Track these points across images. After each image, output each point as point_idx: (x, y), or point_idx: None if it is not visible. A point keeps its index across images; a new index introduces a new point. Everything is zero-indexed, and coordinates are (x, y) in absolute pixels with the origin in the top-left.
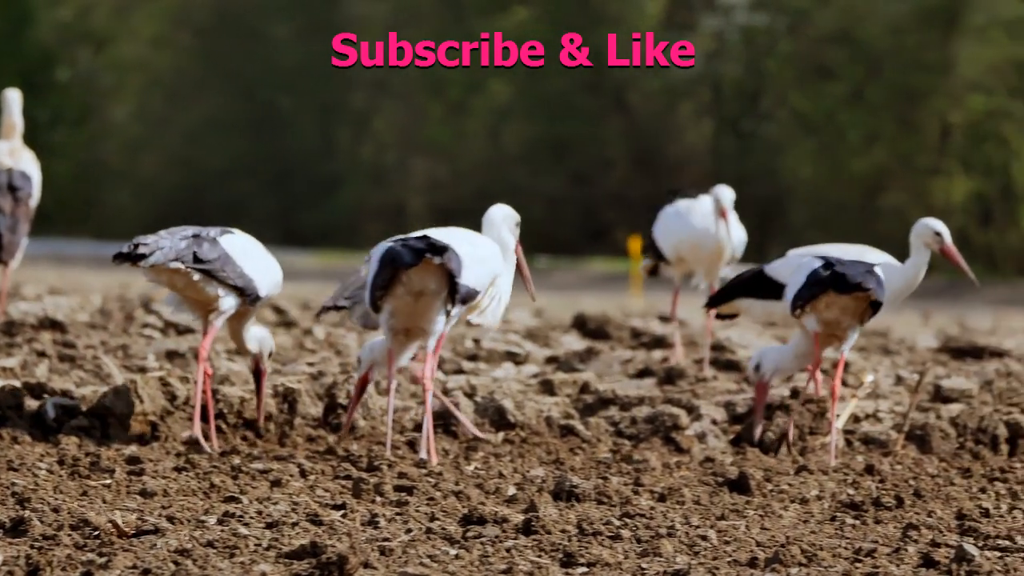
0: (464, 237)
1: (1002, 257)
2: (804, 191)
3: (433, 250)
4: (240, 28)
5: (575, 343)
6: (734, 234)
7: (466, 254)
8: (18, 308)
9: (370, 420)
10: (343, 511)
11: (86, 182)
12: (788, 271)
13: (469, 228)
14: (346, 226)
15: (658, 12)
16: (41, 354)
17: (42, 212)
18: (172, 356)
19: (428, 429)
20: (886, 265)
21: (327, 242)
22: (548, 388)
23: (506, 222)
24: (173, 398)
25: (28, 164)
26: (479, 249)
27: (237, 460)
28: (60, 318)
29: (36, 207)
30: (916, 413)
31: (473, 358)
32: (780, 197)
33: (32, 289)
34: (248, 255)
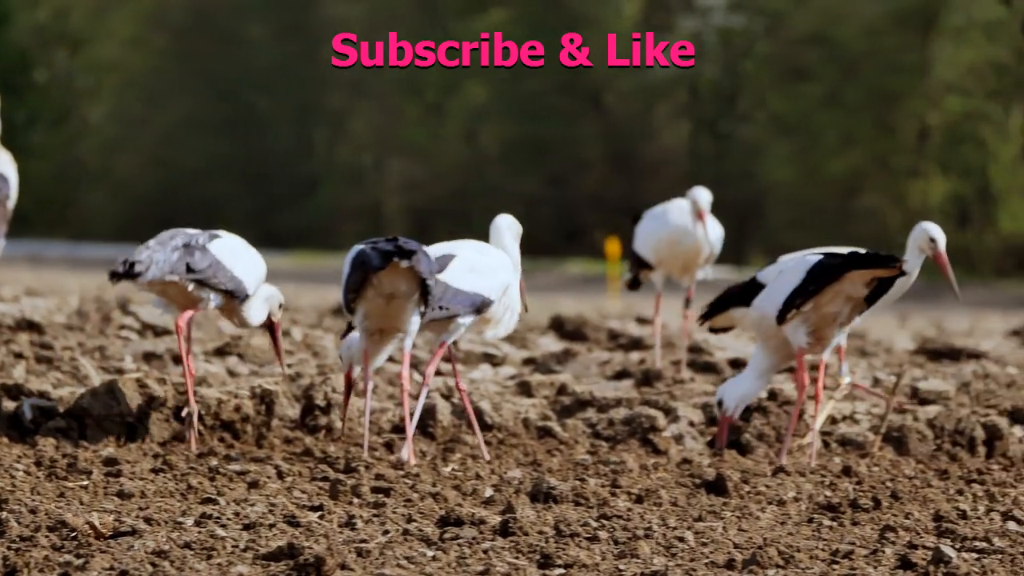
0: (473, 247)
1: (979, 259)
2: (781, 193)
3: (401, 253)
4: (216, 29)
5: (552, 345)
6: (712, 231)
7: (476, 263)
8: None
9: (347, 422)
10: (320, 512)
11: (64, 183)
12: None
13: (446, 228)
14: (323, 227)
15: (635, 13)
16: (18, 355)
17: (19, 213)
18: (149, 357)
19: (411, 427)
20: None
21: (304, 243)
22: (525, 390)
23: (510, 231)
24: (151, 399)
25: (5, 165)
26: (488, 258)
27: (214, 461)
28: (37, 319)
29: (13, 208)
30: (893, 415)
31: (450, 360)
32: (758, 199)
33: (9, 290)
34: (237, 257)
